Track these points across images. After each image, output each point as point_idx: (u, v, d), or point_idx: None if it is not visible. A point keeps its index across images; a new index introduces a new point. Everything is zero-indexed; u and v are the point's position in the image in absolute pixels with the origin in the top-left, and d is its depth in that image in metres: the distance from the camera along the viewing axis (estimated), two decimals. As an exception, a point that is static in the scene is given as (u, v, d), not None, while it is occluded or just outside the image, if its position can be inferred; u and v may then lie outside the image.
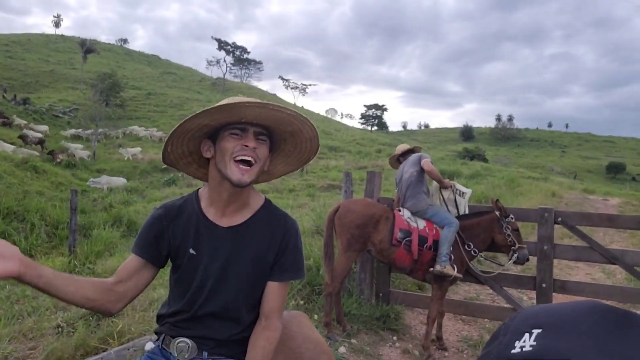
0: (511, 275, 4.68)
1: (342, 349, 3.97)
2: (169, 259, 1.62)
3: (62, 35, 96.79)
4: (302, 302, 4.50)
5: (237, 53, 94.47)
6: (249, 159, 1.47)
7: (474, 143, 77.77)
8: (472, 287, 6.05)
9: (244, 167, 1.47)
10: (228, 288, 1.55)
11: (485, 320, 5.05)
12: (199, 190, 1.66)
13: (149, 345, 1.65)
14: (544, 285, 4.32)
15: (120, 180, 22.84)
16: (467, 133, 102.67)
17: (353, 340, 4.18)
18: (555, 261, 5.28)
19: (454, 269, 4.09)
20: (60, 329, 3.84)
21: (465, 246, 4.21)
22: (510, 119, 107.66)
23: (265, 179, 1.71)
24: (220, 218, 1.57)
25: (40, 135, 29.64)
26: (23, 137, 27.00)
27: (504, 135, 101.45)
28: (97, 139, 32.20)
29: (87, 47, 60.93)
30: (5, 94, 43.62)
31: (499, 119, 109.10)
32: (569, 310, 0.50)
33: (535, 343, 0.48)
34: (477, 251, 4.25)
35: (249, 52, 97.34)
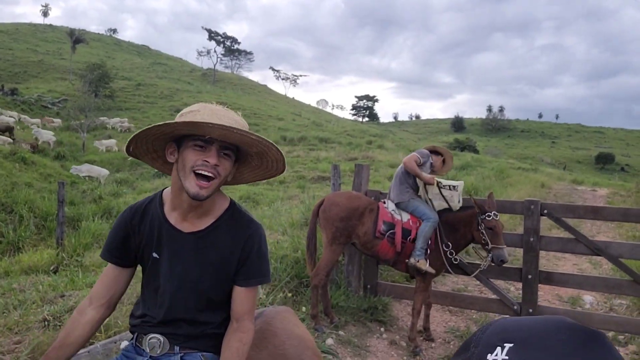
0: (498, 267, 4.71)
1: (329, 341, 3.99)
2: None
3: (51, 25, 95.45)
4: (290, 295, 4.51)
5: (228, 43, 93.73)
6: (209, 174, 1.45)
7: (465, 134, 77.95)
8: (460, 278, 6.09)
9: (202, 182, 1.45)
10: (190, 293, 1.56)
11: (473, 311, 5.10)
12: (164, 191, 1.64)
13: (124, 344, 1.66)
14: (529, 276, 4.37)
15: (102, 171, 22.70)
16: (458, 124, 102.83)
17: (341, 332, 4.21)
18: (543, 252, 5.34)
19: (427, 263, 4.12)
20: (46, 323, 3.82)
21: (444, 245, 4.20)
22: (501, 109, 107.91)
23: (230, 183, 1.69)
24: (181, 223, 1.57)
25: (11, 120, 29.26)
26: None
27: (495, 126, 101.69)
28: (85, 130, 31.88)
29: (76, 37, 60.17)
30: (-8, 85, 43.07)
31: (489, 109, 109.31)
32: (538, 326, 0.51)
33: (507, 357, 0.49)
34: (453, 252, 4.22)
35: (239, 43, 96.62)
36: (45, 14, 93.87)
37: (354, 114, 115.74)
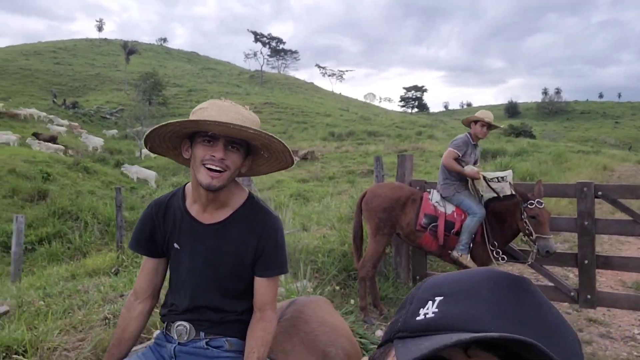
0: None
1: (379, 332, 3.99)
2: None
3: (106, 39, 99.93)
4: (338, 288, 4.54)
5: (273, 44, 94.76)
6: (217, 168, 1.50)
7: (520, 119, 75.34)
8: (515, 266, 5.92)
9: (213, 173, 1.50)
10: (210, 282, 1.62)
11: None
12: (186, 185, 1.72)
13: (156, 333, 1.74)
14: (585, 261, 4.19)
15: (149, 173, 24.10)
16: (512, 109, 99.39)
17: (390, 324, 4.19)
18: (605, 237, 5.10)
19: (468, 257, 4.01)
20: (107, 321, 4.02)
21: (490, 240, 4.07)
22: (558, 92, 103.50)
23: (248, 174, 1.75)
24: (202, 215, 1.63)
25: (62, 129, 31.53)
26: (36, 135, 27.87)
27: (552, 109, 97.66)
28: (142, 137, 33.17)
29: (129, 49, 62.59)
30: (55, 99, 45.54)
31: (545, 92, 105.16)
32: (467, 278, 0.53)
33: (437, 310, 0.51)
34: (496, 245, 4.07)
35: (284, 43, 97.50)
36: (99, 28, 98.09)
37: (402, 106, 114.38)
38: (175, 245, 1.65)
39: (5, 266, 11.16)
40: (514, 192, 4.02)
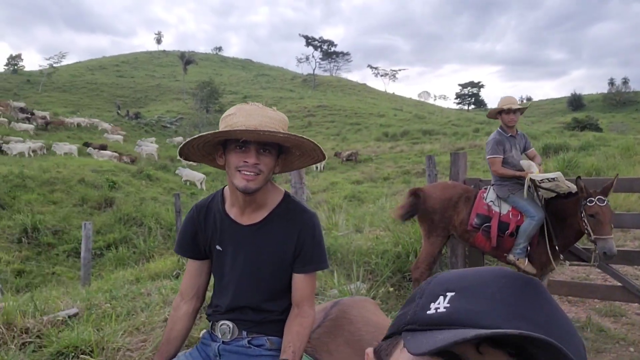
0: (620, 251, 4.28)
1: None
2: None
3: (164, 51, 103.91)
4: (392, 289, 4.49)
5: (325, 47, 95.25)
6: (250, 173, 1.54)
7: (585, 112, 71.79)
8: (582, 267, 5.65)
9: (248, 176, 1.55)
10: (251, 282, 1.67)
11: (595, 300, 4.70)
12: (224, 189, 1.77)
13: (203, 332, 1.79)
14: (657, 260, 3.93)
15: (197, 175, 25.57)
16: (575, 102, 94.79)
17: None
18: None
19: (526, 261, 3.80)
20: (167, 322, 4.17)
21: (550, 247, 3.80)
22: (625, 82, 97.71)
23: (285, 170, 1.79)
24: (241, 217, 1.69)
25: (118, 137, 33.70)
26: (87, 144, 29.36)
27: (619, 100, 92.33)
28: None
29: (187, 59, 64.84)
30: (119, 111, 47.82)
31: (611, 83, 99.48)
32: (478, 275, 0.54)
33: (448, 305, 0.52)
34: (560, 254, 3.81)
35: (336, 45, 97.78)
36: (158, 41, 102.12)
37: (458, 103, 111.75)
38: (218, 247, 1.72)
39: (77, 271, 11.82)
40: (572, 191, 3.75)
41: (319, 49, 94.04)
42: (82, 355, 3.25)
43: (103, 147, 29.49)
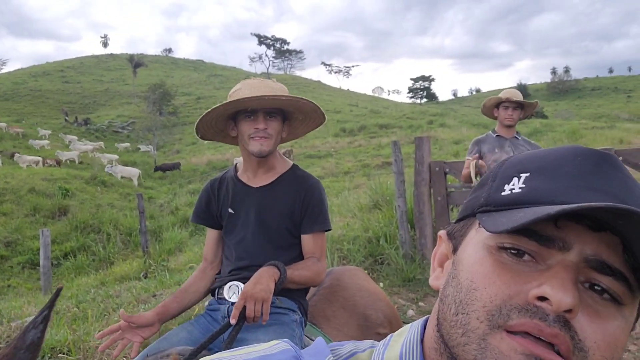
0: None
1: (410, 312, 4.03)
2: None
3: (111, 54, 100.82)
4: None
5: (278, 45, 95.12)
6: (261, 138, 1.70)
7: (531, 101, 74.51)
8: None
9: (260, 139, 1.70)
10: (263, 239, 1.75)
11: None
12: (237, 163, 1.91)
13: (209, 301, 1.79)
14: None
15: (133, 170, 25.95)
16: (521, 92, 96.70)
17: (421, 304, 4.22)
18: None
19: None
20: (143, 320, 4.11)
21: None
22: (567, 70, 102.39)
23: (292, 138, 1.94)
24: (252, 180, 1.82)
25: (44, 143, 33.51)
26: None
27: (562, 88, 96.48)
28: (155, 148, 33.51)
29: (136, 62, 63.33)
30: (67, 118, 46.22)
31: (554, 72, 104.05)
32: (553, 154, 0.54)
33: (524, 185, 0.52)
34: None
35: (289, 43, 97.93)
36: (105, 44, 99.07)
37: (411, 97, 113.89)
38: (230, 210, 1.80)
39: (35, 282, 11.40)
40: None
41: (272, 48, 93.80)
42: (60, 355, 3.17)
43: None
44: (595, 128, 24.87)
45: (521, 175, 0.53)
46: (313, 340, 1.64)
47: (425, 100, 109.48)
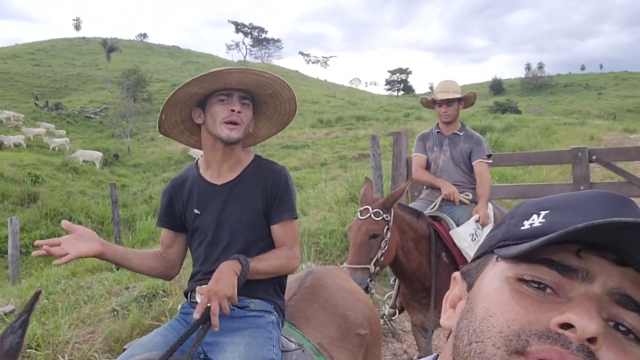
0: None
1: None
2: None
3: (84, 38, 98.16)
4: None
5: (255, 34, 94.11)
6: (236, 122, 1.64)
7: (505, 96, 75.58)
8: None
9: (232, 125, 1.64)
10: (230, 239, 1.69)
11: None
12: (198, 160, 1.83)
13: (181, 304, 1.75)
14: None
15: (95, 154, 25.85)
16: (496, 87, 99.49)
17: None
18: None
19: None
20: (115, 313, 4.04)
21: None
22: (541, 66, 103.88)
23: (251, 142, 1.90)
24: (216, 178, 1.74)
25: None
26: None
27: (536, 84, 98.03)
28: (129, 135, 32.91)
29: (109, 47, 61.88)
30: (37, 102, 44.94)
31: (528, 68, 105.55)
32: (573, 196, 0.54)
33: (544, 220, 0.51)
34: None
35: (266, 32, 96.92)
36: (77, 27, 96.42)
37: (388, 89, 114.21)
38: (195, 210, 1.73)
39: (2, 270, 11.10)
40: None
41: (250, 36, 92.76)
42: (28, 350, 3.09)
43: None
44: (567, 124, 25.38)
45: (541, 212, 0.52)
46: (292, 342, 1.64)
47: (402, 92, 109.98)
